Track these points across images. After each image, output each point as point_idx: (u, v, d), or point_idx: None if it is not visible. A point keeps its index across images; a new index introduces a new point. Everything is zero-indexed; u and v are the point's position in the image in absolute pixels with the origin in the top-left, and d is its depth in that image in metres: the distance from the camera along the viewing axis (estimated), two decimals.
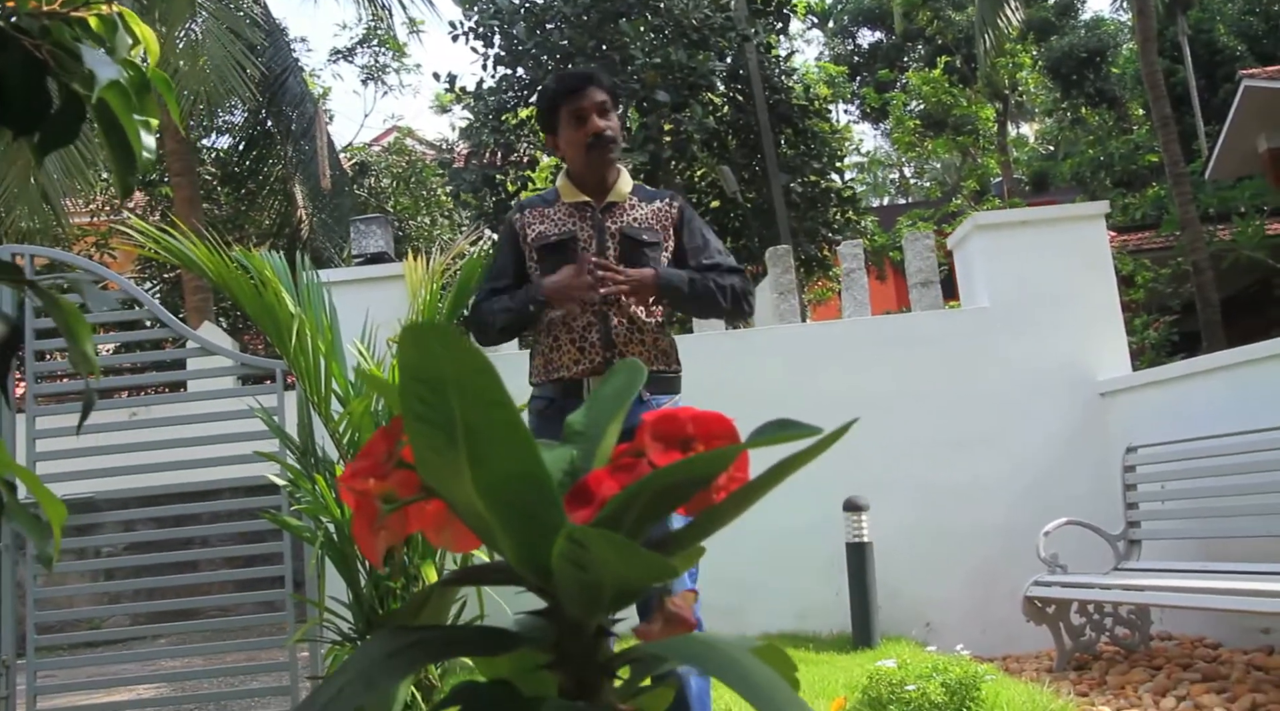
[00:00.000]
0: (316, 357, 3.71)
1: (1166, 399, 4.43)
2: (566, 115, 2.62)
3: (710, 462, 0.55)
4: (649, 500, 0.55)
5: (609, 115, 2.63)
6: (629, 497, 0.54)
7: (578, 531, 0.50)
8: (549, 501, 0.54)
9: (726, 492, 0.59)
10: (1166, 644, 4.34)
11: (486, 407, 0.51)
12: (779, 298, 5.23)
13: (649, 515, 0.56)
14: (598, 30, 9.06)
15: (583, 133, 2.60)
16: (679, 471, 0.53)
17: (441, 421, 0.51)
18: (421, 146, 15.55)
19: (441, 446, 0.52)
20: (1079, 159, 20.09)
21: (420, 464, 0.55)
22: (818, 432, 0.53)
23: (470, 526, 0.58)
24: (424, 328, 0.50)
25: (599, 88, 2.62)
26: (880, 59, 23.81)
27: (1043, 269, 4.95)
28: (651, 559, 0.51)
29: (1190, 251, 9.35)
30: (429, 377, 0.50)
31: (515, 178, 9.66)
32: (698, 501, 0.59)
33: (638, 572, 0.53)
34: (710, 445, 0.58)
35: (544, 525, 0.53)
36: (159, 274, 12.44)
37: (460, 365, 0.50)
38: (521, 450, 0.52)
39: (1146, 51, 9.60)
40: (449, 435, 0.51)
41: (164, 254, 3.80)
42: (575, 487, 0.58)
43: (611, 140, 2.61)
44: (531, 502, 0.53)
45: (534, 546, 0.54)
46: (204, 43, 8.55)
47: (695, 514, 0.59)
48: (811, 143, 10.80)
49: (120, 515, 4.31)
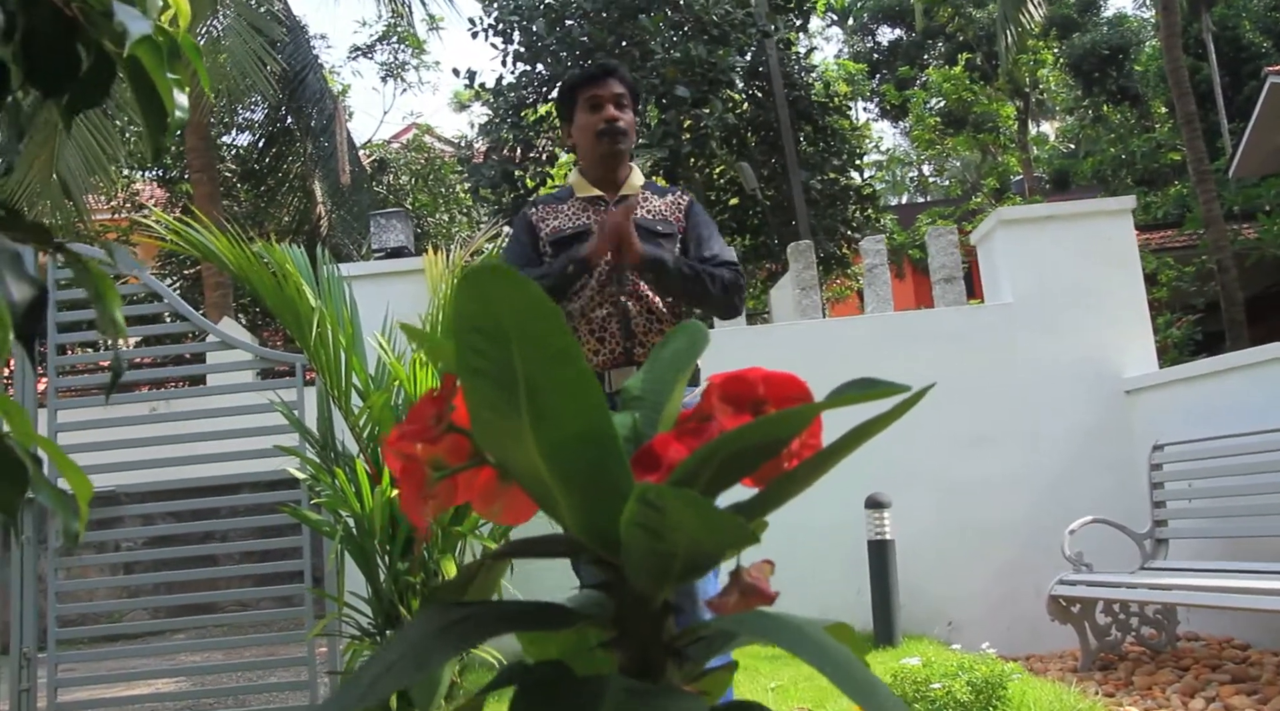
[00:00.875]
0: (337, 351, 3.71)
1: (1193, 396, 4.37)
2: (583, 101, 2.62)
3: (785, 423, 0.51)
4: (719, 467, 0.51)
5: (625, 109, 2.63)
6: (699, 462, 0.50)
7: (653, 491, 0.46)
8: (619, 464, 0.50)
9: (799, 460, 0.56)
10: (1194, 644, 4.28)
11: (552, 361, 0.47)
12: (801, 293, 5.19)
13: (718, 483, 0.52)
14: (618, 26, 9.03)
15: (596, 118, 2.60)
16: (753, 433, 0.49)
17: (501, 376, 0.48)
18: (440, 144, 15.57)
19: (501, 404, 0.49)
20: (1100, 157, 19.94)
21: (476, 423, 0.52)
22: (903, 390, 0.50)
23: (530, 492, 0.55)
24: (483, 271, 0.46)
25: (619, 81, 2.63)
26: (900, 56, 23.69)
27: (1068, 265, 4.89)
28: (733, 522, 0.48)
29: (1214, 250, 9.26)
30: (488, 327, 0.47)
31: (534, 173, 9.65)
32: (767, 470, 0.55)
33: (717, 537, 0.49)
34: (784, 407, 0.54)
35: (613, 489, 0.50)
36: (179, 270, 12.50)
37: (524, 313, 0.46)
38: (590, 407, 0.48)
39: (1171, 48, 9.50)
40: (509, 391, 0.48)
41: (185, 246, 3.79)
42: (640, 452, 0.55)
43: (623, 132, 2.60)
44: (600, 465, 0.50)
45: (601, 512, 0.51)
46: (225, 40, 8.58)
47: (762, 484, 0.55)
48: (831, 140, 10.75)
49: (140, 509, 4.31)
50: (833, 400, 0.52)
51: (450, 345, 0.51)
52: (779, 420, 0.51)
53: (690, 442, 0.54)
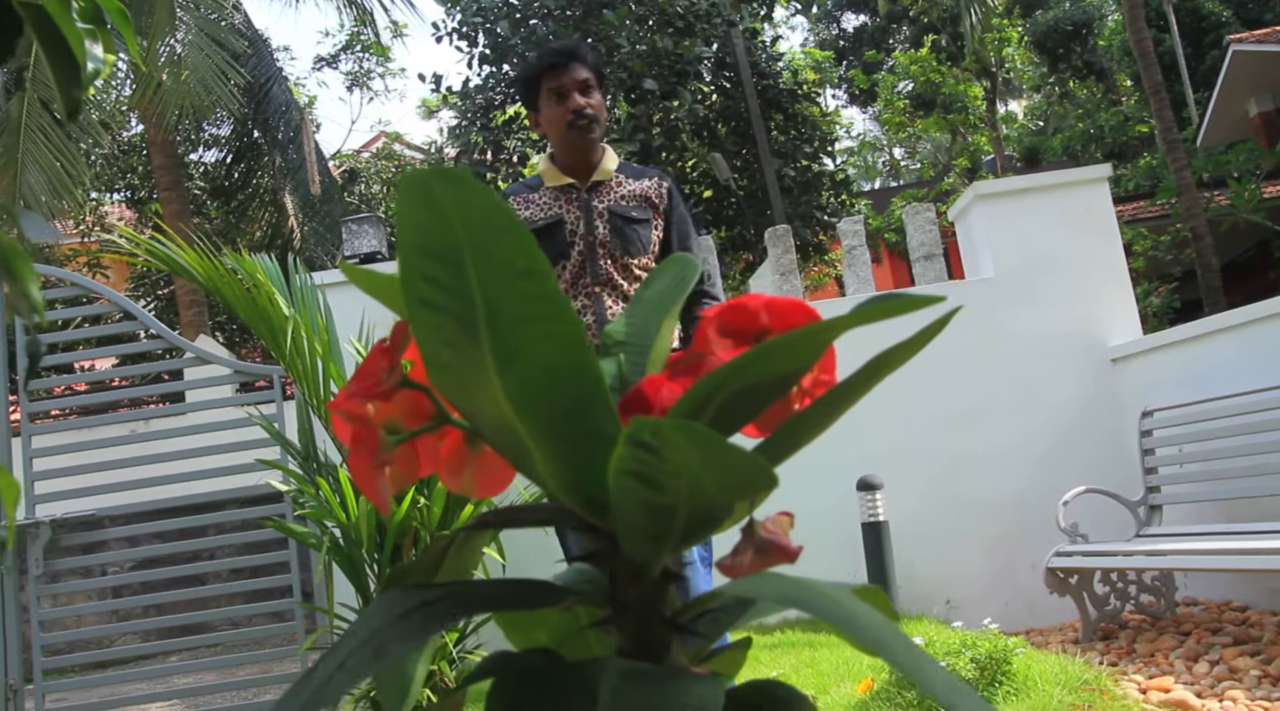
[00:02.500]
0: (313, 360, 3.64)
1: (1179, 361, 4.36)
2: (547, 92, 2.52)
3: (795, 351, 0.43)
4: (718, 410, 0.43)
5: (591, 93, 2.52)
6: (696, 402, 0.42)
7: (648, 427, 0.37)
8: (602, 405, 0.42)
9: (811, 399, 0.49)
10: (1193, 609, 4.27)
11: (516, 279, 0.39)
12: (780, 279, 5.15)
13: (719, 429, 0.44)
14: (582, 22, 8.97)
15: (563, 110, 2.50)
16: (758, 363, 0.41)
17: (456, 304, 0.40)
18: (410, 151, 15.46)
19: (457, 338, 0.40)
20: (1069, 133, 20.04)
21: (431, 367, 0.43)
22: (935, 301, 0.44)
23: (499, 447, 0.47)
24: (428, 175, 0.37)
25: (582, 64, 2.52)
26: (866, 41, 23.72)
27: (1047, 236, 4.88)
28: (748, 459, 0.39)
29: (1188, 217, 9.29)
30: (437, 246, 0.38)
31: (506, 174, 9.58)
32: (774, 413, 0.48)
33: (728, 481, 0.41)
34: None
35: (597, 434, 0.42)
36: (153, 290, 12.37)
37: (480, 225, 0.38)
38: (566, 335, 0.40)
39: (1135, 19, 9.52)
40: (466, 322, 0.40)
41: (154, 261, 3.72)
42: (627, 396, 0.47)
43: (593, 118, 2.51)
44: (580, 406, 0.42)
45: (585, 463, 0.43)
46: (187, 56, 8.47)
47: (768, 430, 0.48)
48: (802, 127, 10.73)
49: (124, 531, 4.23)
50: (851, 318, 0.44)
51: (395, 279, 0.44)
52: (788, 346, 0.42)
53: (685, 382, 0.46)
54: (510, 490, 3.36)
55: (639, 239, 2.53)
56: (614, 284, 2.49)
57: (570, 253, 2.51)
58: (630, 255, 2.52)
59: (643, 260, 2.55)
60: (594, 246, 2.51)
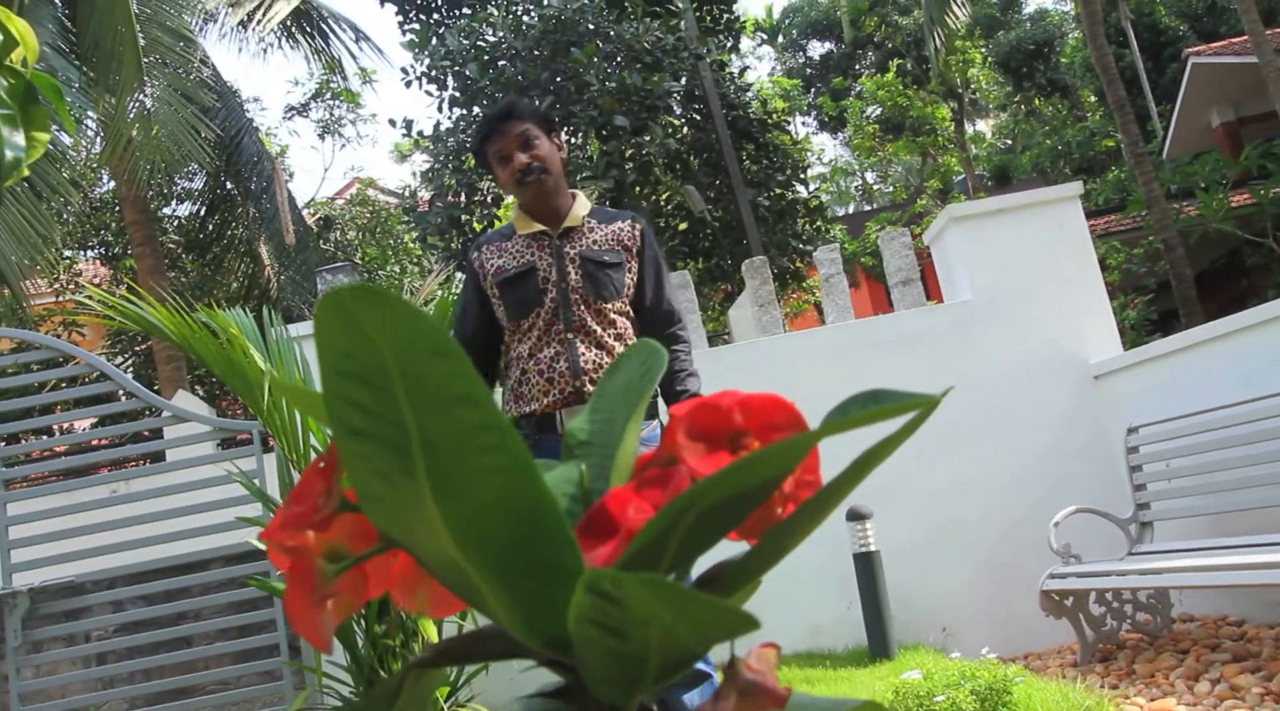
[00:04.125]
0: (291, 414, 3.60)
1: (1162, 375, 4.36)
2: (492, 157, 2.58)
3: (775, 461, 0.39)
4: (693, 524, 0.39)
5: (535, 144, 2.55)
6: (667, 523, 0.38)
7: (605, 578, 0.34)
8: (558, 537, 0.38)
9: (795, 503, 0.45)
10: (1190, 625, 4.24)
11: (452, 406, 0.36)
12: (760, 310, 5.15)
13: (694, 546, 0.41)
14: (550, 62, 9.01)
15: (508, 171, 2.54)
16: (735, 478, 0.37)
17: (387, 432, 0.36)
18: (384, 196, 15.46)
19: (391, 469, 0.37)
20: (1038, 150, 20.28)
21: (365, 499, 0.39)
22: (926, 401, 0.40)
23: (444, 582, 0.42)
24: (346, 296, 0.34)
25: (518, 120, 2.54)
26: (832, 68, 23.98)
27: (1022, 256, 4.89)
28: (721, 609, 0.36)
29: (1159, 229, 9.38)
30: (362, 369, 0.35)
31: (481, 216, 9.58)
32: (756, 521, 0.44)
33: (702, 630, 0.37)
34: (769, 439, 0.43)
35: (554, 571, 0.38)
36: (130, 346, 12.26)
37: (408, 347, 0.34)
38: (510, 465, 0.37)
39: (1095, 37, 9.66)
40: (400, 451, 0.36)
41: (126, 322, 3.68)
42: (590, 515, 0.42)
43: (539, 170, 2.53)
44: (532, 540, 0.38)
45: (541, 606, 0.39)
46: (156, 111, 8.45)
47: (752, 537, 0.44)
48: (774, 156, 10.79)
49: (108, 595, 4.16)
50: (835, 424, 0.40)
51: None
52: (767, 458, 0.38)
53: (654, 496, 0.42)
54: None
55: (611, 283, 2.54)
56: (587, 329, 2.49)
57: (544, 300, 2.52)
58: (604, 300, 2.53)
59: (616, 303, 2.55)
60: (567, 292, 2.51)
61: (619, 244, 2.59)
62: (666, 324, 2.64)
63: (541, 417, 2.47)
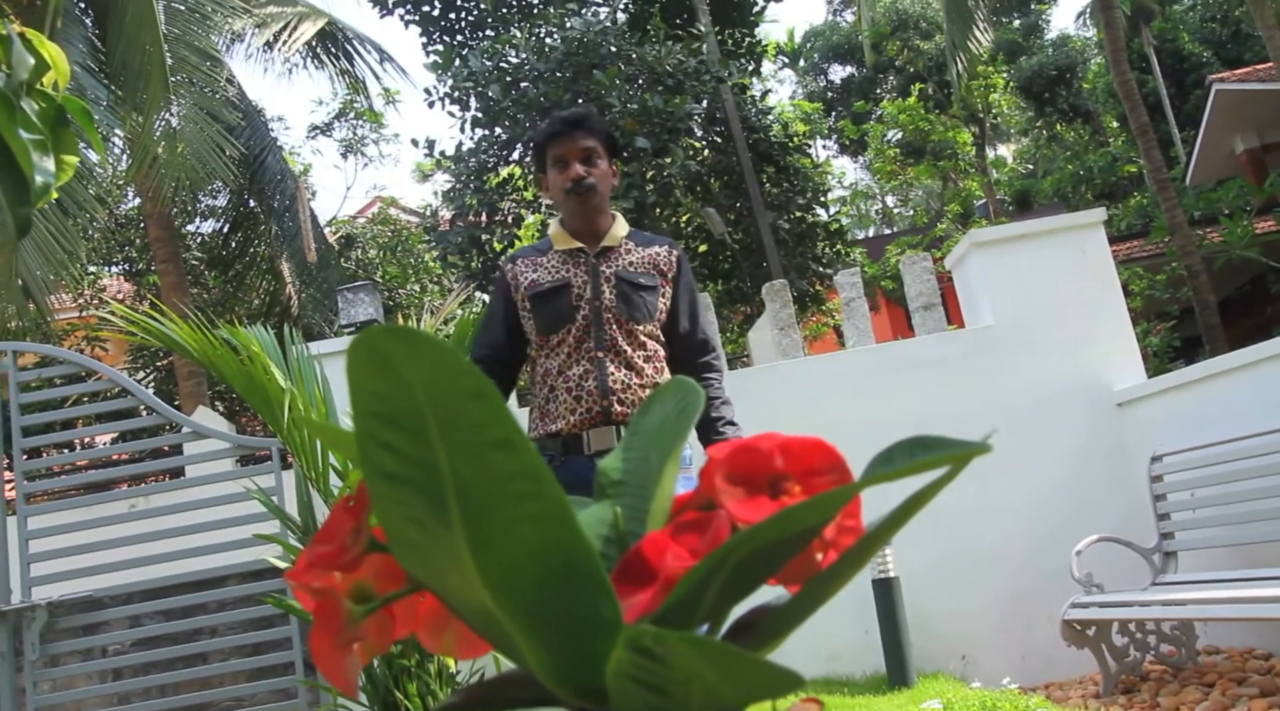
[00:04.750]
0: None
1: (1187, 403, 4.31)
2: (551, 158, 2.56)
3: (820, 510, 0.38)
4: (731, 573, 0.38)
5: (595, 161, 2.55)
6: (707, 572, 0.36)
7: (648, 635, 0.32)
8: (595, 587, 0.36)
9: (836, 551, 0.43)
10: (1215, 658, 4.18)
11: (488, 451, 0.34)
12: (780, 333, 5.13)
13: (732, 594, 0.39)
14: (573, 83, 9.06)
15: (563, 177, 2.53)
16: (777, 527, 0.36)
17: (421, 477, 0.35)
18: (405, 215, 15.55)
19: (424, 515, 0.36)
20: (1059, 175, 20.22)
21: (396, 545, 0.38)
22: (980, 450, 0.38)
23: (476, 630, 0.41)
24: (380, 337, 0.33)
25: (587, 133, 2.54)
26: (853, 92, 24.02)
27: (1046, 281, 4.86)
28: (769, 670, 0.34)
29: (1183, 256, 9.32)
30: (396, 411, 0.34)
31: (501, 236, 9.62)
32: (795, 568, 0.42)
33: (746, 689, 0.36)
34: (811, 484, 0.41)
35: (591, 622, 0.36)
36: (151, 362, 12.35)
37: (444, 389, 0.34)
38: (547, 513, 0.36)
39: (1118, 62, 9.64)
40: (434, 497, 0.35)
41: (148, 337, 3.70)
42: (626, 561, 0.41)
43: (590, 188, 2.52)
44: (569, 591, 0.36)
45: (576, 657, 0.37)
46: (182, 129, 8.54)
47: (791, 584, 0.42)
48: (794, 179, 10.79)
49: (126, 611, 4.17)
50: (881, 474, 0.39)
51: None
52: (812, 507, 0.37)
53: (692, 542, 0.40)
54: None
55: (645, 305, 2.53)
56: (618, 349, 2.48)
57: (575, 316, 2.51)
58: (636, 321, 2.52)
59: (648, 326, 2.55)
60: (599, 311, 2.50)
61: (655, 268, 2.59)
62: (700, 353, 2.63)
63: (568, 438, 2.45)
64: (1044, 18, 23.29)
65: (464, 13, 12.71)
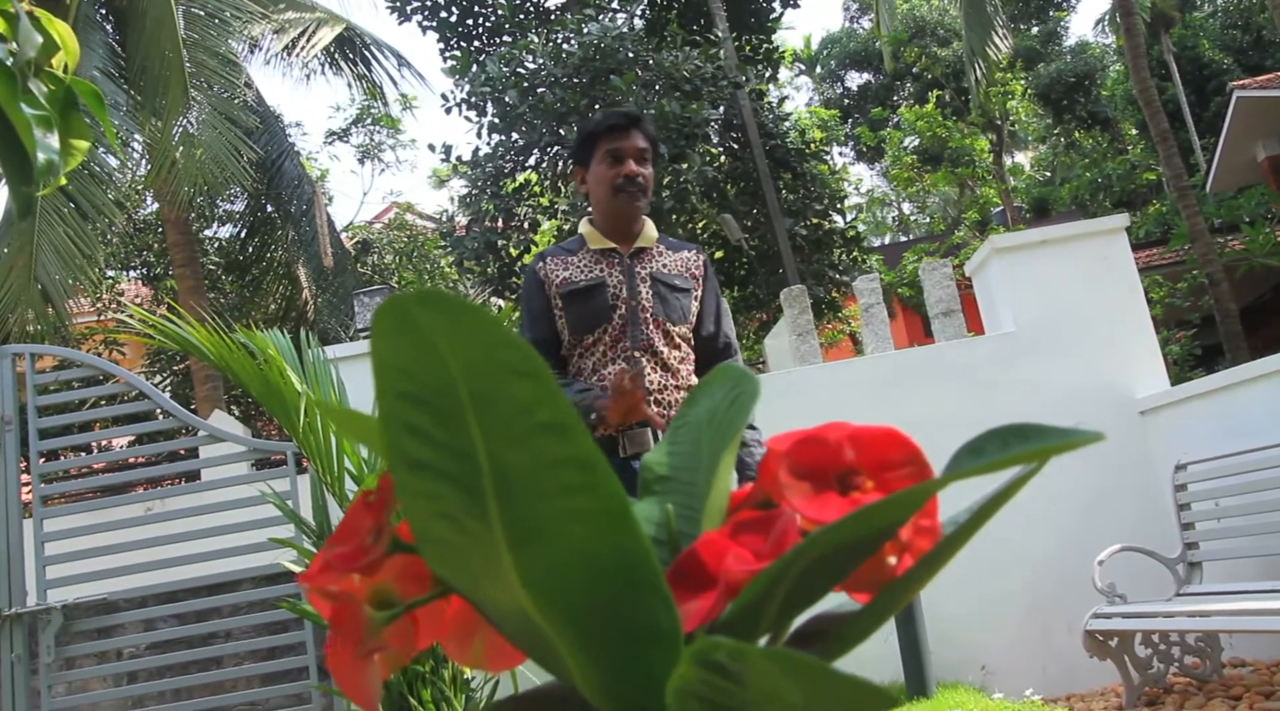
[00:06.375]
0: (327, 436, 3.59)
1: (1211, 411, 4.25)
2: (603, 152, 2.51)
3: (901, 508, 0.34)
4: (798, 578, 0.33)
5: (646, 163, 2.52)
6: (774, 577, 0.32)
7: (721, 648, 0.28)
8: (652, 593, 0.32)
9: (913, 554, 0.38)
10: (1241, 671, 4.11)
11: (533, 435, 0.30)
12: (798, 339, 5.09)
13: (796, 602, 0.35)
14: (590, 89, 9.05)
15: (615, 172, 2.49)
16: (853, 528, 0.31)
17: (453, 466, 0.31)
18: (421, 220, 15.58)
19: (457, 510, 0.31)
20: (1077, 183, 20.11)
21: (423, 543, 0.34)
22: (1081, 438, 0.33)
23: (514, 640, 0.37)
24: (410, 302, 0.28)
25: (643, 134, 2.52)
26: (870, 99, 23.96)
27: (1067, 288, 4.81)
28: (863, 688, 0.29)
29: (1204, 263, 9.23)
30: (426, 390, 0.29)
31: (517, 242, 9.61)
32: (866, 573, 0.38)
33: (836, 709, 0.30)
34: (885, 479, 0.37)
35: (645, 635, 0.32)
36: (168, 367, 12.39)
37: (482, 362, 0.29)
38: (600, 508, 0.31)
39: (1139, 69, 9.56)
40: (469, 489, 0.31)
41: (165, 341, 3.70)
42: (680, 563, 0.36)
43: (642, 188, 2.51)
44: (621, 599, 0.32)
45: (628, 672, 0.33)
46: (200, 134, 8.57)
47: (862, 592, 0.38)
48: (811, 186, 10.75)
49: (140, 614, 4.16)
50: (973, 468, 0.35)
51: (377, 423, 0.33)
52: (893, 505, 0.32)
53: (753, 542, 0.36)
54: None
55: (681, 306, 2.52)
56: (654, 349, 2.46)
57: (612, 316, 2.47)
58: (672, 321, 2.51)
59: (682, 328, 2.53)
60: (637, 311, 2.48)
61: (687, 272, 2.58)
62: (724, 357, 2.62)
63: (603, 440, 2.42)
64: (1062, 24, 23.18)
65: (481, 18, 12.73)
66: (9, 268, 7.66)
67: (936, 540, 0.37)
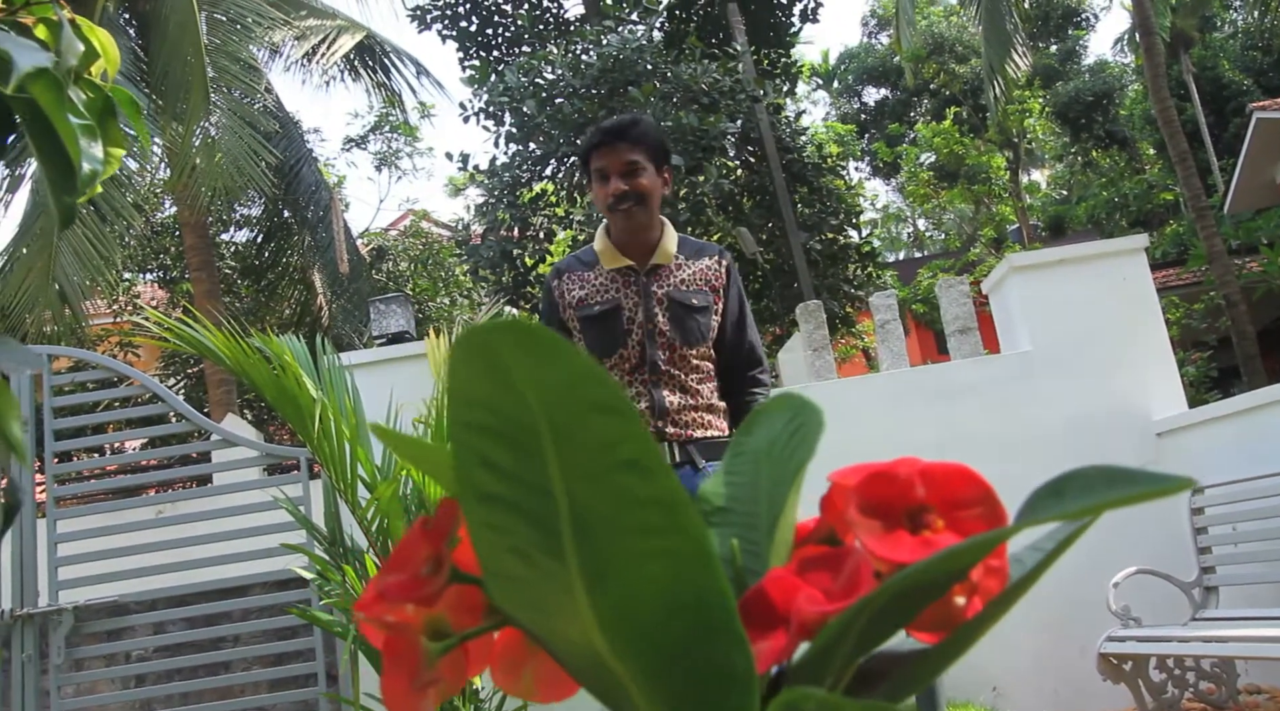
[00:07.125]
0: (341, 443, 3.58)
1: (1229, 435, 4.22)
2: (594, 170, 2.47)
3: (978, 551, 0.33)
4: (870, 619, 0.32)
5: (638, 174, 2.43)
6: (849, 620, 0.31)
7: (812, 700, 0.27)
8: (729, 635, 0.31)
9: (983, 596, 0.37)
10: (1257, 697, 4.06)
11: (614, 473, 0.29)
12: (813, 354, 5.08)
13: (864, 644, 0.34)
14: (608, 100, 9.07)
15: (604, 192, 2.44)
16: (931, 570, 0.31)
17: (529, 502, 0.30)
18: (437, 228, 15.63)
19: (530, 546, 0.31)
20: (1094, 202, 20.05)
21: (493, 579, 0.33)
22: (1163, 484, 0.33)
23: (582, 680, 0.36)
24: (493, 336, 0.28)
25: (631, 144, 2.42)
26: (888, 115, 23.96)
27: (1085, 307, 4.78)
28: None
29: (1221, 285, 9.20)
30: (503, 423, 0.29)
31: (533, 251, 9.63)
32: (935, 614, 0.37)
33: None
34: (957, 518, 0.36)
35: (720, 678, 0.31)
36: (183, 369, 12.44)
37: (563, 396, 0.28)
38: (681, 549, 0.30)
39: (1158, 89, 9.55)
40: (544, 526, 0.30)
41: (181, 344, 3.70)
42: (745, 602, 0.35)
43: (633, 200, 2.42)
44: (697, 641, 0.31)
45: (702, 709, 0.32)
46: (220, 138, 8.62)
47: (930, 632, 0.37)
48: (827, 200, 10.74)
49: (150, 617, 4.16)
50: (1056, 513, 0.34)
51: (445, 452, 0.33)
52: (973, 548, 0.31)
53: (822, 581, 0.35)
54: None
55: (698, 328, 2.46)
56: (670, 374, 2.42)
57: (628, 341, 2.43)
58: (689, 345, 2.44)
59: (701, 349, 2.47)
60: (652, 335, 2.43)
61: (706, 284, 2.51)
62: (747, 365, 2.56)
63: None
64: (1081, 43, 23.15)
65: (501, 29, 12.78)
66: (28, 269, 7.71)
67: (1005, 582, 0.36)
